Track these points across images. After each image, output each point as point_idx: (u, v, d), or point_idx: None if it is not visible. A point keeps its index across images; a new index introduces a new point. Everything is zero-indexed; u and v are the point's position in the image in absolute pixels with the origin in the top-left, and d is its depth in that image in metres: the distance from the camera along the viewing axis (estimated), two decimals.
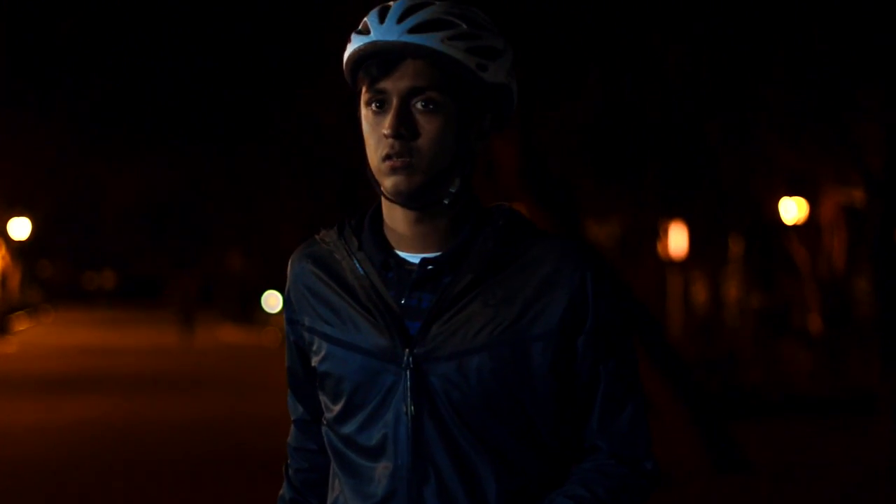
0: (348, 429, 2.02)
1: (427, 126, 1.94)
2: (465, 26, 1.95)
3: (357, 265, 2.02)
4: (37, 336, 34.28)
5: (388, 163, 1.95)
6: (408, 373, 1.95)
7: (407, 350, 1.96)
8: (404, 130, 1.93)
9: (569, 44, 11.40)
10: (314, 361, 2.07)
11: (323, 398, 2.08)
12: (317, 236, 2.10)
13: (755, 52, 11.02)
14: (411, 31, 1.93)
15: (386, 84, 1.95)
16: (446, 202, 1.98)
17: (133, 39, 15.12)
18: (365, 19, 1.98)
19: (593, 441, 2.02)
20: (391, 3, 1.98)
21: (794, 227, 18.50)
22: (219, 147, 21.88)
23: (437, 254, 2.00)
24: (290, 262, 2.11)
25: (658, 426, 8.35)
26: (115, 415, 14.58)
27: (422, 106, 1.94)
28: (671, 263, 23.13)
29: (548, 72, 11.67)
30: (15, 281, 38.72)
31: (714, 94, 12.29)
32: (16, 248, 34.97)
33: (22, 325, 37.85)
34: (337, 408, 2.03)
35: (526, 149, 10.47)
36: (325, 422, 2.08)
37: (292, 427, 2.23)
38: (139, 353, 26.85)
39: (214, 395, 17.26)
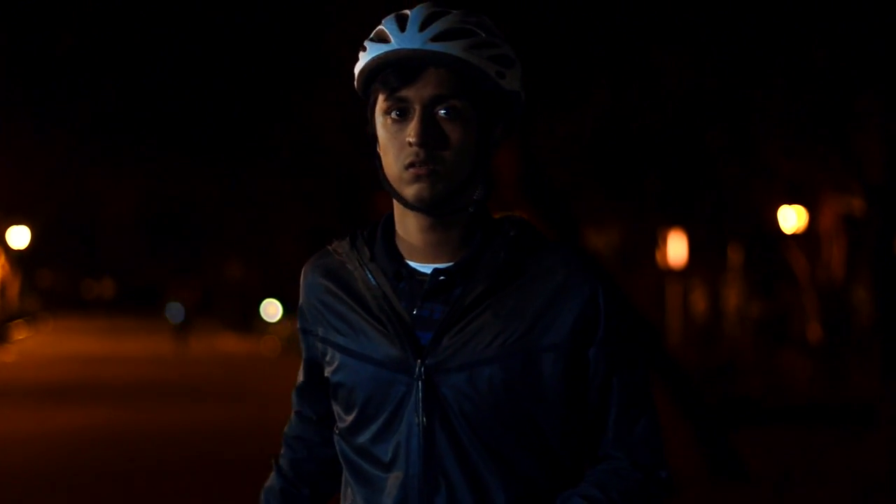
0: (362, 439, 2.02)
1: (451, 134, 1.94)
2: (483, 35, 1.96)
3: (369, 276, 2.02)
4: (35, 345, 34.22)
5: (411, 171, 1.94)
6: (419, 383, 1.95)
7: (419, 361, 1.96)
8: (430, 138, 1.93)
9: (571, 54, 11.42)
10: (327, 372, 2.07)
11: (336, 408, 2.09)
12: (329, 247, 2.10)
13: (755, 62, 11.04)
14: (434, 39, 1.93)
15: (408, 92, 1.94)
16: (471, 210, 1.99)
17: (132, 50, 15.12)
18: (381, 27, 1.97)
19: (608, 450, 2.02)
20: (405, 11, 1.98)
21: (794, 235, 18.51)
22: (218, 156, 21.87)
23: (449, 264, 2.00)
24: (302, 274, 2.11)
25: None
26: (114, 423, 14.56)
27: (444, 114, 1.94)
28: (671, 272, 23.13)
29: (550, 81, 11.68)
30: (14, 289, 38.68)
31: (714, 103, 12.32)
32: (15, 256, 34.93)
33: (21, 334, 37.78)
34: (350, 418, 2.04)
35: (526, 157, 10.48)
36: (337, 431, 2.09)
37: (293, 416, 2.22)
38: (138, 362, 26.80)
39: (213, 404, 17.23)
